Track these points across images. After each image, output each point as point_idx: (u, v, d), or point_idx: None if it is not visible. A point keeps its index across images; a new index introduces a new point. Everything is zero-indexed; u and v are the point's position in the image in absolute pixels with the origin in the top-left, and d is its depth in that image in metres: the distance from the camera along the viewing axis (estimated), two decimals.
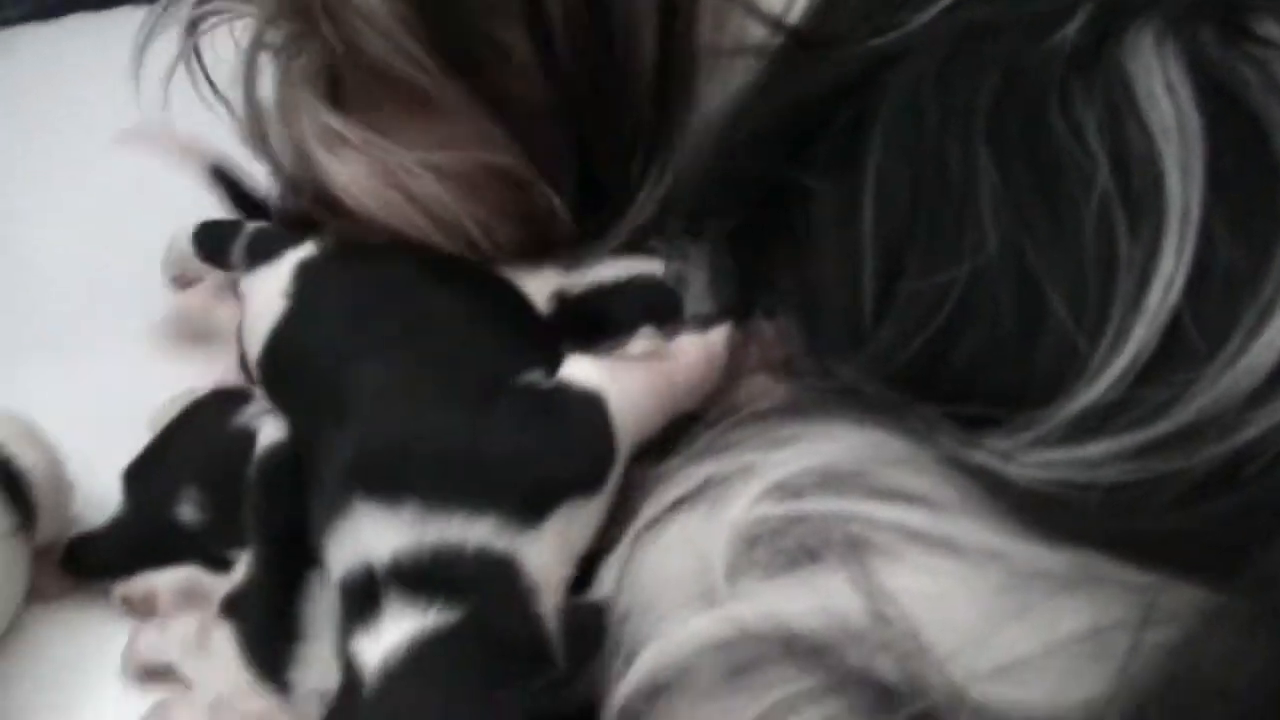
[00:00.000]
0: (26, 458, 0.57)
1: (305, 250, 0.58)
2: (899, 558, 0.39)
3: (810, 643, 0.38)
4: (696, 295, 0.53)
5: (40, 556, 0.58)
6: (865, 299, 0.47)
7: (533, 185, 0.57)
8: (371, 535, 0.46)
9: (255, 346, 0.57)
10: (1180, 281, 0.41)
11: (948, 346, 0.44)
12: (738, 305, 0.52)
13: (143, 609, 0.58)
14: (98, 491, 0.60)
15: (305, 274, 0.57)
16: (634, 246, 0.56)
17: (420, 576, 0.45)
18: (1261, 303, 0.39)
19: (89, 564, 0.60)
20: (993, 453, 0.41)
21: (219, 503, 0.58)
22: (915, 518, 0.40)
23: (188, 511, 0.59)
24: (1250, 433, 0.38)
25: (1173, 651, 0.36)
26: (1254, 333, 0.39)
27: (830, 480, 0.41)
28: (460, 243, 0.59)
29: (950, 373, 0.44)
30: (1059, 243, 0.43)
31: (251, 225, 0.64)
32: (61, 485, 0.59)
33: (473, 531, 0.46)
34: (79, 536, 0.60)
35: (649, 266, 0.55)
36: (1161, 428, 0.40)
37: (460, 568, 0.46)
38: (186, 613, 0.56)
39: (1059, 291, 0.42)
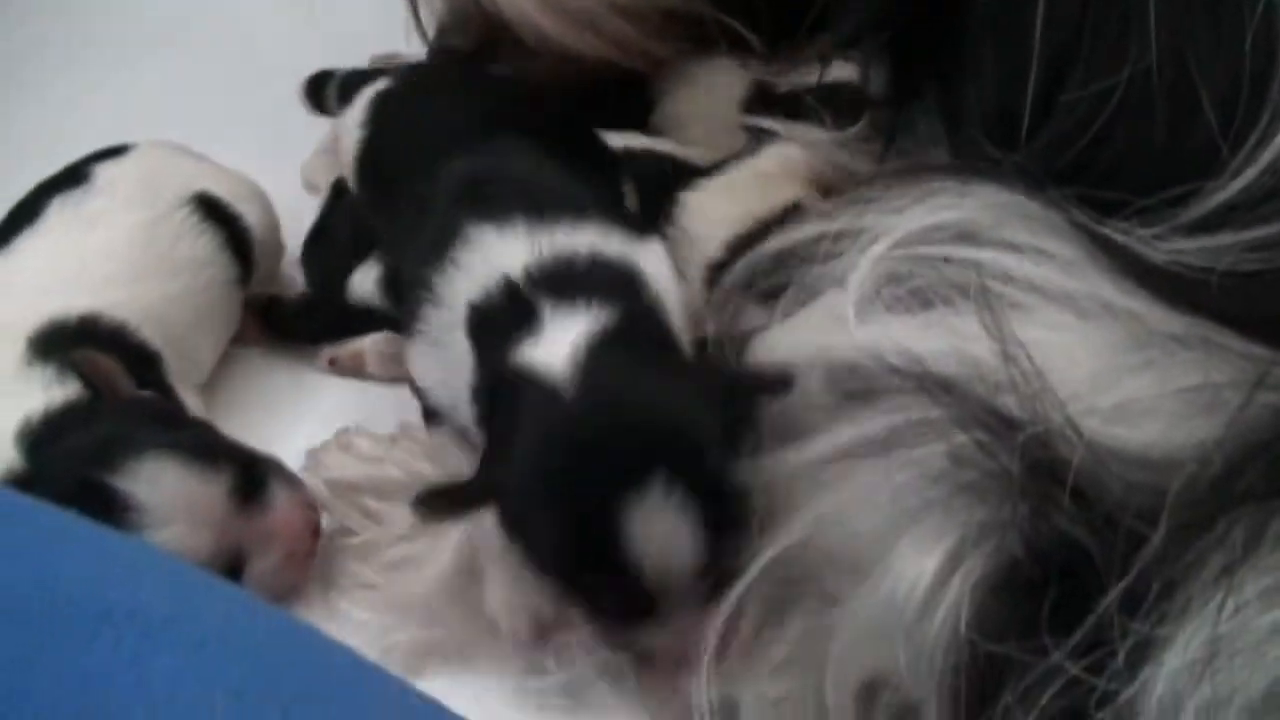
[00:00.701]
0: (251, 217, 0.64)
1: (378, 84, 0.63)
2: (1028, 310, 0.42)
3: (942, 379, 0.41)
4: None
5: (247, 305, 0.65)
6: (1025, 107, 0.49)
7: (713, 21, 0.60)
8: (497, 252, 0.49)
9: (351, 178, 0.62)
10: None
11: (1098, 146, 0.47)
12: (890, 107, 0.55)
13: (351, 369, 0.65)
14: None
15: (377, 105, 0.62)
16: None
17: (561, 280, 0.48)
18: None
19: (286, 329, 0.67)
20: (1125, 233, 0.44)
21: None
22: (1046, 273, 0.43)
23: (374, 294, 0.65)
24: None
25: None
26: None
27: (968, 233, 0.44)
28: (639, 59, 0.63)
29: (1096, 168, 0.47)
30: (1219, 50, 0.45)
31: (342, 71, 0.71)
32: (276, 245, 0.66)
33: (583, 237, 0.49)
34: (274, 300, 0.67)
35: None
36: None
37: (587, 271, 0.49)
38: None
39: (1212, 96, 0.45)
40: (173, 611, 0.34)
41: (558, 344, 0.46)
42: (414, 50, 0.71)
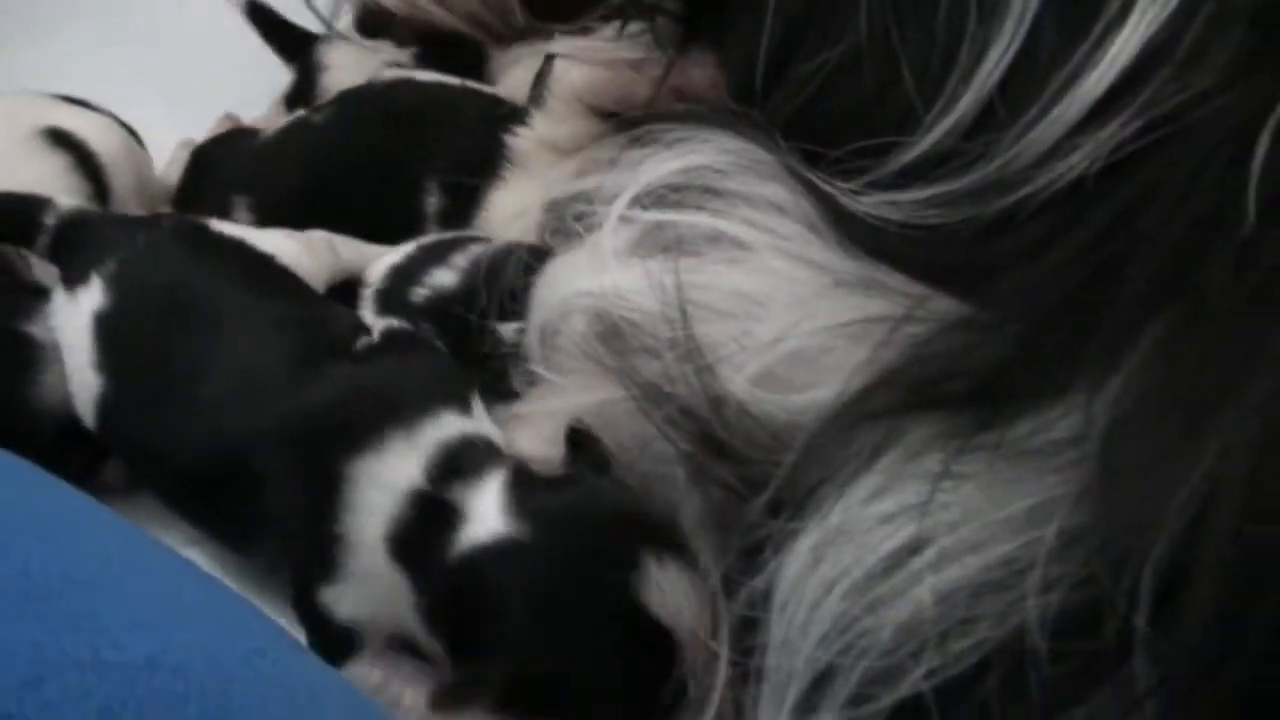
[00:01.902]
0: (97, 143, 0.68)
1: None
2: (739, 262, 0.49)
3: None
4: None
5: None
6: (758, 72, 0.56)
7: None
8: None
9: None
10: (1008, 60, 0.49)
11: (820, 110, 0.54)
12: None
13: None
14: None
15: None
16: None
17: None
18: (1056, 85, 0.47)
19: None
20: (838, 189, 0.51)
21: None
22: (751, 234, 0.50)
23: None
24: (1027, 189, 0.47)
25: (921, 341, 0.46)
26: (1047, 109, 0.47)
27: (702, 181, 0.51)
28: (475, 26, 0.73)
29: (815, 129, 0.53)
30: (920, 22, 0.51)
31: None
32: (129, 167, 0.71)
33: None
34: None
35: None
36: (967, 180, 0.49)
37: None
38: None
39: (911, 64, 0.51)
40: None
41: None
42: None
